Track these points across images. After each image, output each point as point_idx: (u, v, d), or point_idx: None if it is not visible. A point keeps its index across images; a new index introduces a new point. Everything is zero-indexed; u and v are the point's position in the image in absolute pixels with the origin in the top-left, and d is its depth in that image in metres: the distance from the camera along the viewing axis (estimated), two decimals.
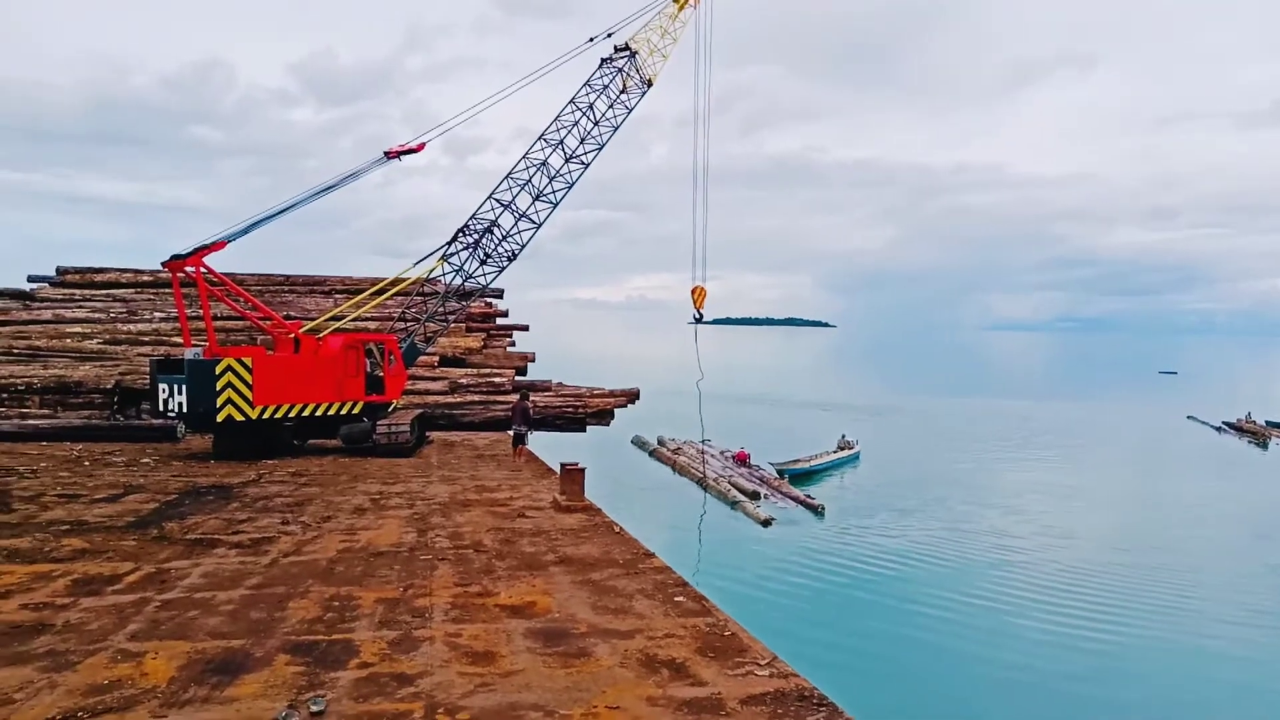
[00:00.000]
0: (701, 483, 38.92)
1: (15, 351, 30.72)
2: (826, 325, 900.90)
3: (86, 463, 21.39)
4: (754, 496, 36.04)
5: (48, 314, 33.52)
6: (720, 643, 9.03)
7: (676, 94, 29.34)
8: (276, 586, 10.68)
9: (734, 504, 35.12)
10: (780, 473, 41.12)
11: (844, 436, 49.10)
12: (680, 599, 10.57)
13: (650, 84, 27.20)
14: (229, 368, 21.86)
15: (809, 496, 35.98)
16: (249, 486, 18.19)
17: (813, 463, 43.76)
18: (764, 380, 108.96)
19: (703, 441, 39.74)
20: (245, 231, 23.69)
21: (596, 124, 26.44)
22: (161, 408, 22.15)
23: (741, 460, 43.32)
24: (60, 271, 36.94)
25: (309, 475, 19.91)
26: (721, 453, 45.34)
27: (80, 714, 6.96)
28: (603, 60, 26.65)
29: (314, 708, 7.05)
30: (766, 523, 32.29)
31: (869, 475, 43.63)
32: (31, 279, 37.18)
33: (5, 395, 28.16)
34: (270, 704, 7.19)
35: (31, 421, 26.38)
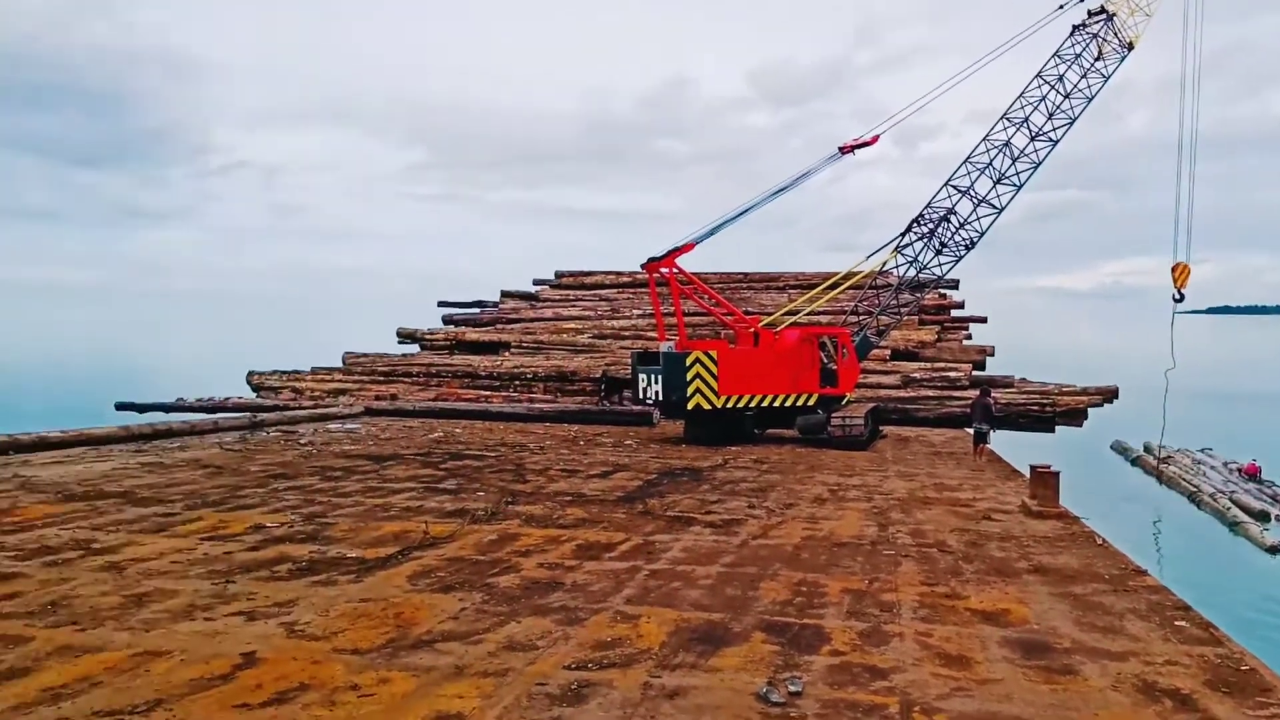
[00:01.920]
0: (1194, 498, 34.02)
1: (524, 345, 36.00)
2: None
3: (581, 442, 24.36)
4: (1262, 518, 30.69)
5: (549, 312, 38.82)
6: (1236, 678, 7.79)
7: (1157, 54, 25.85)
8: (747, 567, 11.24)
9: (1234, 525, 30.21)
10: None
11: None
12: (1181, 624, 9.31)
13: (1131, 47, 24.49)
14: (697, 360, 23.52)
15: None
16: (717, 470, 19.43)
17: None
18: (1277, 379, 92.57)
19: (1201, 451, 34.77)
20: (710, 234, 25.35)
21: (1067, 96, 24.39)
22: (641, 395, 24.49)
23: (1251, 474, 37.03)
24: (558, 275, 42.53)
25: (769, 463, 20.76)
26: (1225, 464, 39.15)
27: (590, 665, 7.85)
28: (1074, 27, 24.51)
29: (792, 688, 7.28)
30: (1274, 550, 27.35)
31: None
32: (536, 282, 43.31)
33: (517, 382, 33.13)
34: (750, 678, 7.54)
35: (538, 405, 30.72)
